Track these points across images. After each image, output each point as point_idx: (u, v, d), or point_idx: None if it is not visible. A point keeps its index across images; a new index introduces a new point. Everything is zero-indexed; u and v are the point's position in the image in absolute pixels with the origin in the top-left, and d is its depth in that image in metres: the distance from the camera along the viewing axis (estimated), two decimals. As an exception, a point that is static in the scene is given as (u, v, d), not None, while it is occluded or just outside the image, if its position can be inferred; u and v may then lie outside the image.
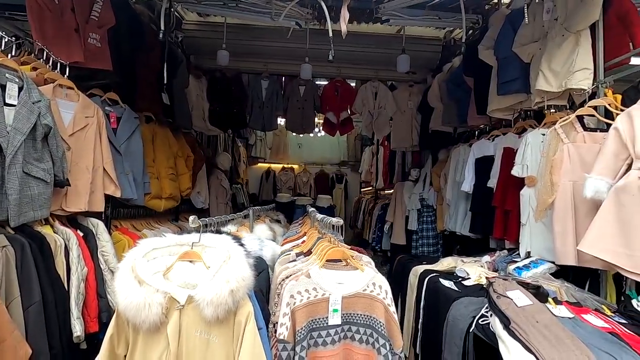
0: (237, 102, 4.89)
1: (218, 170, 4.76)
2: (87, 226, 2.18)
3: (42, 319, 1.63)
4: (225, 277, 1.15)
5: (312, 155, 9.41)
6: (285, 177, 9.14)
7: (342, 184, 9.28)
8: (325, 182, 9.23)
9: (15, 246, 1.63)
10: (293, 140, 9.35)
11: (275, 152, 9.34)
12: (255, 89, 4.96)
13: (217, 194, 4.56)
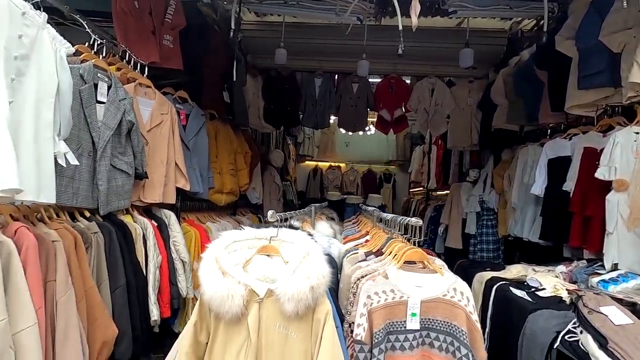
0: (290, 100, 4.96)
1: (271, 167, 4.86)
2: (161, 217, 2.31)
3: (126, 302, 1.76)
4: (305, 273, 1.14)
5: (360, 153, 9.34)
6: (332, 175, 9.15)
7: (390, 183, 9.11)
8: (372, 181, 9.11)
9: (104, 233, 1.76)
10: (341, 139, 9.33)
11: (322, 150, 9.39)
12: (309, 87, 4.99)
13: (271, 190, 4.66)
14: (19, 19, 1.37)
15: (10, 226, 1.35)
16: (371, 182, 9.07)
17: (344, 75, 5.05)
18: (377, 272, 1.28)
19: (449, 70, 4.80)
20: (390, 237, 1.61)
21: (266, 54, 4.86)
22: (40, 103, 1.46)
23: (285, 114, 5.02)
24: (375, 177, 9.17)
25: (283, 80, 4.97)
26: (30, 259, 1.31)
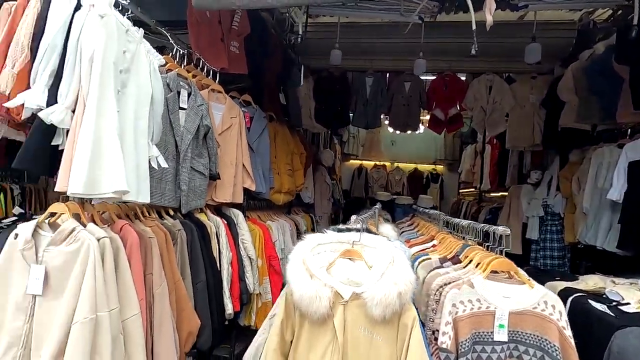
0: (341, 100, 4.98)
1: (322, 166, 4.92)
2: (230, 216, 2.43)
3: (207, 296, 1.88)
4: (393, 279, 1.16)
5: (406, 152, 9.15)
6: (377, 174, 9.06)
7: (437, 183, 8.84)
8: (419, 181, 8.90)
9: (186, 230, 1.89)
10: (386, 137, 9.21)
11: (367, 149, 9.32)
12: (360, 87, 4.97)
13: (322, 189, 4.72)
14: (124, 36, 1.50)
15: (116, 224, 1.50)
16: (418, 182, 8.86)
17: (395, 74, 4.98)
18: (461, 281, 1.26)
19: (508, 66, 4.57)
20: (466, 244, 1.57)
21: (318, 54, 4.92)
22: (138, 112, 1.59)
23: (336, 114, 5.05)
24: (422, 176, 8.94)
25: (334, 80, 5.00)
26: (134, 253, 1.45)
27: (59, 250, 1.28)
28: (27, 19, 1.38)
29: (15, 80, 1.34)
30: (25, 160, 1.32)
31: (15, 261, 1.30)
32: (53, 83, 1.35)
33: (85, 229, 1.31)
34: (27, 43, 1.35)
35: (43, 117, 1.29)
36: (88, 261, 1.25)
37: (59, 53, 1.36)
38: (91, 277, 1.23)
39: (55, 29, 1.36)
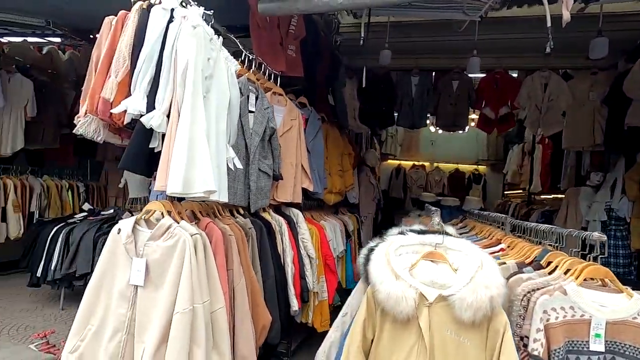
0: (386, 100, 4.95)
1: (366, 167, 4.91)
2: (290, 215, 2.50)
3: (275, 293, 1.95)
4: (483, 282, 1.15)
5: (446, 152, 8.93)
6: (415, 175, 8.91)
7: (480, 184, 8.55)
8: (460, 181, 8.65)
9: (256, 228, 1.97)
10: (425, 137, 9.03)
11: (406, 148, 9.19)
12: (405, 86, 4.92)
13: (366, 190, 4.71)
14: (208, 44, 1.59)
15: (202, 221, 1.60)
16: (459, 183, 8.61)
17: (442, 73, 4.88)
18: (551, 287, 1.23)
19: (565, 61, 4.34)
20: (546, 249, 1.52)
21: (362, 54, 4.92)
22: (218, 115, 1.68)
23: (381, 114, 5.03)
24: (464, 177, 8.68)
25: (378, 80, 4.97)
26: (218, 249, 1.53)
27: (157, 245, 1.38)
28: (126, 31, 1.49)
29: (118, 88, 1.45)
30: (129, 161, 1.44)
31: (119, 254, 1.42)
32: (151, 90, 1.46)
33: (179, 225, 1.40)
34: (127, 53, 1.47)
35: (144, 122, 1.40)
36: (184, 256, 1.34)
37: (155, 62, 1.46)
38: (188, 271, 1.32)
39: (153, 40, 1.46)
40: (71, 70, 5.11)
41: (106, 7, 1.55)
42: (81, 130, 1.52)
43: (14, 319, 3.19)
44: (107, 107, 1.47)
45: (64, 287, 3.43)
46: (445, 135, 8.40)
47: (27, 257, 3.48)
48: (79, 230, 3.36)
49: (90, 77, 1.55)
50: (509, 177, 7.48)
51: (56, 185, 4.60)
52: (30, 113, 4.24)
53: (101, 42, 1.56)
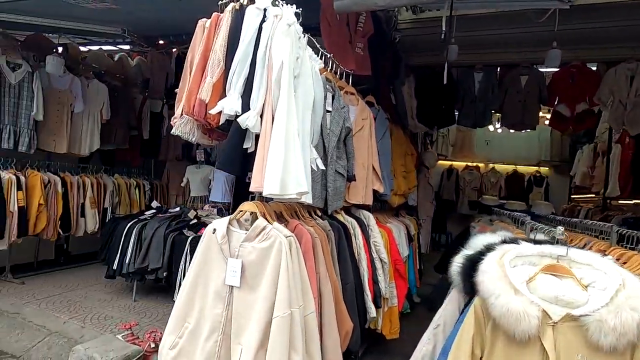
0: (446, 98, 4.73)
1: (424, 168, 4.73)
2: (360, 217, 2.43)
3: (355, 298, 1.89)
4: (629, 304, 1.00)
5: (503, 153, 8.42)
6: (469, 176, 8.49)
7: (541, 187, 7.96)
8: (519, 183, 8.12)
9: (334, 230, 1.92)
10: (480, 137, 8.58)
11: (458, 148, 8.78)
12: (467, 83, 4.66)
13: (425, 192, 4.53)
14: (297, 43, 1.56)
15: (291, 223, 1.57)
16: (517, 185, 8.09)
17: (509, 68, 4.56)
18: None
19: (655, 51, 3.88)
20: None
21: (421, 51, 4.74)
22: (304, 115, 1.65)
23: (440, 113, 4.81)
24: (523, 179, 8.14)
25: (437, 77, 4.75)
26: (308, 252, 1.50)
27: (253, 246, 1.37)
28: (220, 32, 1.50)
29: (213, 89, 1.47)
30: (226, 163, 1.44)
31: (213, 253, 1.43)
32: (245, 90, 1.45)
33: (274, 227, 1.38)
34: (222, 55, 1.47)
35: (241, 122, 1.40)
36: (281, 258, 1.31)
37: (250, 62, 1.46)
38: (285, 274, 1.29)
39: (247, 40, 1.46)
40: (138, 75, 5.44)
41: (176, 15, 1.58)
42: (178, 131, 1.56)
43: (94, 307, 3.42)
44: (203, 108, 1.48)
45: (137, 280, 3.63)
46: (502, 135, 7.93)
47: (105, 251, 3.72)
48: (151, 227, 3.53)
49: (185, 79, 1.58)
50: (577, 179, 6.86)
51: (125, 183, 4.90)
52: (105, 116, 4.55)
53: (195, 44, 1.58)
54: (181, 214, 3.82)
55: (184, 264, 3.29)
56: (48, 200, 3.89)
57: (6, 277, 3.89)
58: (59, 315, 3.18)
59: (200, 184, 4.95)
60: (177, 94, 1.61)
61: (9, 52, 3.70)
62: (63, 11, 3.53)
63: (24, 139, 3.75)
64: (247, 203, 1.49)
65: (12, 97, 3.70)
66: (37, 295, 3.59)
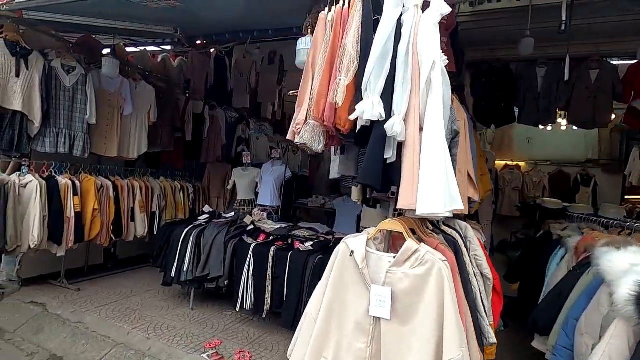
0: (505, 95, 4.46)
1: (483, 169, 4.46)
2: (455, 227, 2.22)
3: (477, 323, 1.68)
4: None
5: (546, 151, 8.03)
6: (509, 175, 8.12)
7: (589, 187, 7.55)
8: (564, 184, 7.72)
9: (449, 245, 1.72)
10: (520, 134, 8.20)
11: (497, 147, 8.42)
12: (529, 79, 4.38)
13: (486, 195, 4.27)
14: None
15: (429, 242, 1.38)
16: (563, 185, 7.69)
17: (576, 61, 4.26)
18: None
19: None
20: None
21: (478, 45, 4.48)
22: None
23: (498, 111, 4.55)
24: (569, 179, 7.74)
25: (495, 73, 4.51)
26: (455, 279, 1.30)
27: (404, 273, 1.19)
28: (351, 25, 1.32)
29: (346, 91, 1.29)
30: (368, 176, 1.26)
31: (351, 278, 1.26)
32: (384, 92, 1.26)
33: (429, 250, 1.19)
34: (355, 52, 1.29)
35: (387, 129, 1.22)
36: (444, 288, 1.13)
37: (390, 60, 1.27)
38: (452, 308, 1.11)
39: (385, 35, 1.27)
40: (181, 76, 5.35)
41: (238, 13, 1.40)
42: (302, 139, 1.38)
43: (153, 316, 3.32)
44: (333, 112, 1.30)
45: (194, 288, 3.52)
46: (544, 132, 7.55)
47: (161, 258, 3.62)
48: (210, 234, 3.41)
49: (308, 79, 1.41)
50: (633, 179, 6.45)
51: (171, 186, 4.81)
52: (153, 118, 4.45)
53: (317, 40, 1.41)
54: (237, 220, 3.68)
55: (246, 272, 3.15)
56: (101, 205, 3.82)
57: (62, 282, 3.85)
58: (122, 325, 3.09)
59: (247, 187, 4.83)
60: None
61: (63, 55, 3.62)
62: (119, 11, 3.43)
63: (79, 143, 3.68)
64: (389, 221, 1.31)
65: (67, 101, 3.62)
66: (95, 303, 3.52)
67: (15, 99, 3.24)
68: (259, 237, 3.43)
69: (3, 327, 3.16)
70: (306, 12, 2.74)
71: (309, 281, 2.85)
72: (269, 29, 4.34)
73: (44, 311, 3.33)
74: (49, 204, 3.37)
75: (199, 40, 5.01)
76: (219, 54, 5.56)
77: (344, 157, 1.83)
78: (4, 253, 3.15)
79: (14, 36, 3.27)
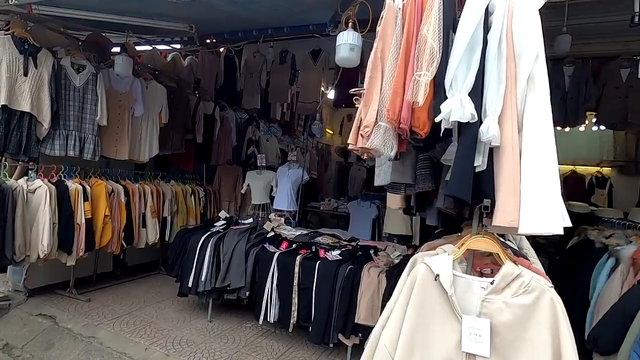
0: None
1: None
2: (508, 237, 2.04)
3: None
4: None
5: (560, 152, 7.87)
6: (523, 177, 8.00)
7: (604, 189, 7.42)
8: (578, 186, 7.58)
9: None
10: (533, 135, 8.08)
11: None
12: (555, 78, 4.21)
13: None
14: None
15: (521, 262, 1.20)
16: (577, 187, 7.55)
17: (605, 60, 4.11)
18: None
19: None
20: None
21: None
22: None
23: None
24: (583, 180, 7.60)
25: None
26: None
27: (505, 302, 1.01)
28: (430, 13, 1.14)
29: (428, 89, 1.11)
30: (457, 186, 1.08)
31: (436, 305, 1.08)
32: (474, 90, 1.09)
33: (534, 276, 1.01)
34: (437, 44, 1.11)
35: (482, 131, 1.04)
36: (559, 323, 0.95)
37: (480, 52, 1.09)
38: (571, 346, 0.93)
39: (473, 22, 1.10)
40: (191, 76, 5.16)
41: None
42: (373, 144, 1.20)
43: (170, 330, 3.13)
44: (410, 112, 1.13)
45: (212, 299, 3.33)
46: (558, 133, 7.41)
47: (177, 266, 3.43)
48: (230, 242, 3.22)
49: (376, 76, 1.23)
50: (654, 181, 6.32)
51: (182, 190, 4.62)
52: (164, 119, 4.27)
53: (385, 32, 1.23)
54: (256, 226, 3.50)
55: (270, 282, 2.97)
56: (112, 210, 3.63)
57: (71, 292, 3.65)
58: (138, 340, 2.90)
59: (263, 191, 4.64)
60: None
61: (72, 52, 3.43)
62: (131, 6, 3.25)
63: (89, 145, 3.49)
64: (479, 239, 1.13)
65: (77, 101, 3.43)
66: (107, 315, 3.32)
67: (24, 99, 3.04)
68: (280, 244, 3.25)
69: (11, 342, 2.96)
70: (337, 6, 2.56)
71: (339, 293, 2.67)
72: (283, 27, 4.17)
73: (53, 324, 3.13)
74: (59, 211, 3.17)
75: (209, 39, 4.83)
76: (229, 53, 5.38)
77: (398, 162, 1.65)
78: (12, 264, 2.95)
79: (22, 32, 3.08)
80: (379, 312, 2.52)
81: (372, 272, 2.63)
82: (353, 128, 1.62)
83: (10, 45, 2.98)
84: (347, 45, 2.04)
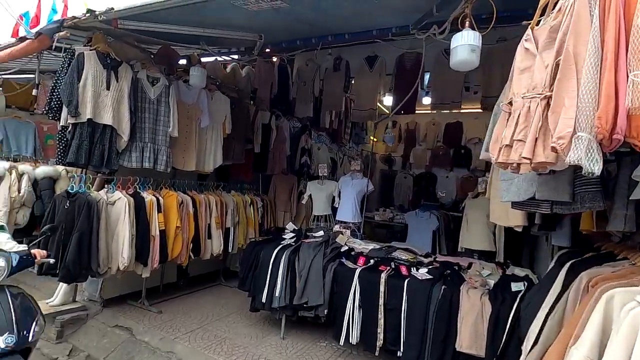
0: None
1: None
2: None
3: None
4: None
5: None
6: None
7: None
8: None
9: None
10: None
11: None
12: None
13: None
14: None
15: None
16: None
17: None
18: None
19: None
20: None
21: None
22: None
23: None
24: None
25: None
26: None
27: None
28: (645, 3, 0.95)
29: None
30: None
31: None
32: None
33: None
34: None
35: None
36: None
37: None
38: None
39: None
40: (249, 86, 5.17)
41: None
42: (575, 158, 1.00)
43: (245, 346, 3.03)
44: (627, 121, 0.93)
45: (286, 315, 3.21)
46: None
47: (249, 280, 3.35)
48: (306, 257, 3.10)
49: (570, 76, 1.04)
50: None
51: (242, 200, 4.59)
52: (228, 129, 4.26)
53: (578, 26, 1.05)
54: (328, 240, 3.36)
55: (352, 301, 2.81)
56: (182, 221, 3.62)
57: (143, 303, 3.67)
58: (216, 358, 2.82)
59: (325, 202, 4.52)
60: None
61: (147, 66, 3.48)
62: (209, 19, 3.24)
63: (162, 157, 3.50)
64: None
65: (151, 113, 3.46)
66: (180, 328, 3.28)
67: (106, 112, 3.10)
68: (357, 260, 3.08)
69: (92, 354, 2.97)
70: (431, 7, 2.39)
71: (434, 316, 2.46)
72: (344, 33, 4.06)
73: (130, 337, 3.13)
74: (136, 223, 3.19)
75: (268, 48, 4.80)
76: (282, 62, 5.36)
77: (549, 177, 1.45)
78: (96, 276, 2.98)
79: (105, 47, 3.15)
80: (484, 339, 2.28)
81: (472, 294, 2.40)
82: (493, 139, 1.44)
83: (95, 60, 3.05)
84: (466, 46, 1.86)
